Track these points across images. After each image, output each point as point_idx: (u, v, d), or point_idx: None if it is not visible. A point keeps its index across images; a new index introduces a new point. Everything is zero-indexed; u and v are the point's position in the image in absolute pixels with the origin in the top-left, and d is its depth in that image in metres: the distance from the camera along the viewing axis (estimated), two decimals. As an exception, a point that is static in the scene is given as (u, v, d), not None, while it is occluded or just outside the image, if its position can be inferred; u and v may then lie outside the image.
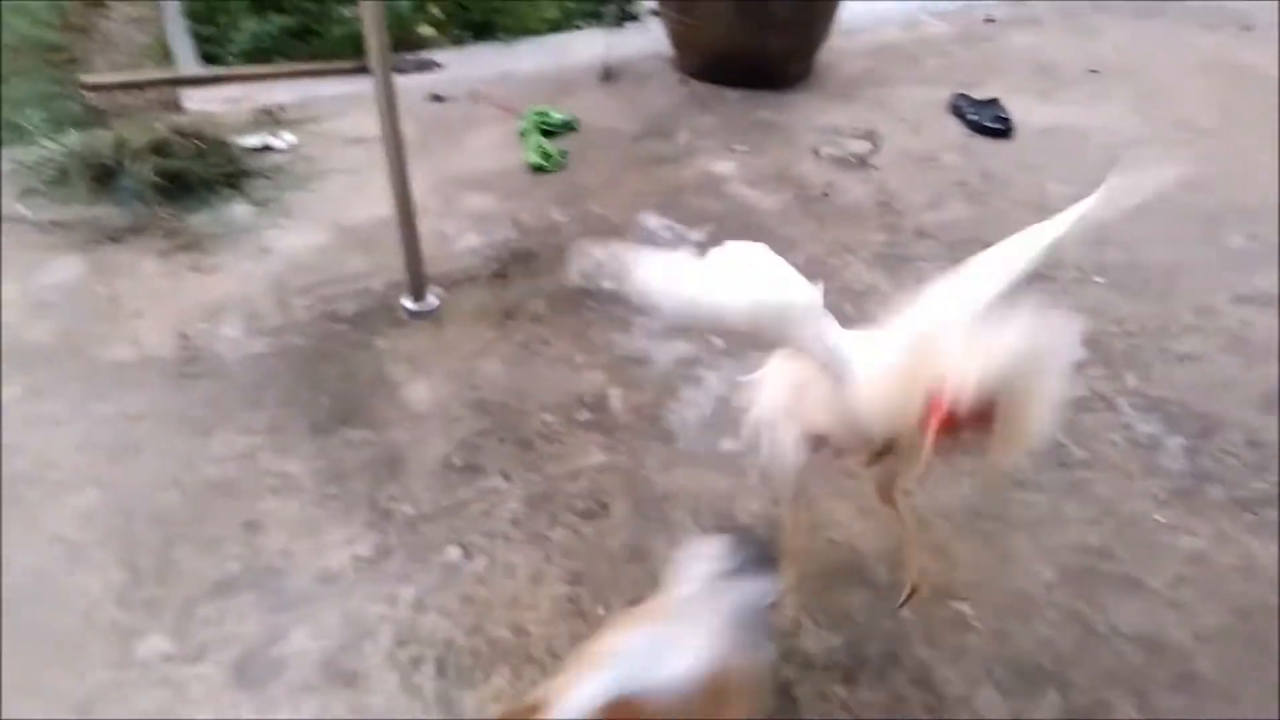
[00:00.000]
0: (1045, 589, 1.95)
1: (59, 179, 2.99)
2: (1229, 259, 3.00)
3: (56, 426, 2.17)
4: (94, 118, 3.40)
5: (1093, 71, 4.11)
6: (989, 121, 3.57)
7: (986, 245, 2.90)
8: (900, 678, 1.76)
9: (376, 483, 2.09)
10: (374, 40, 2.28)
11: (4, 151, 3.11)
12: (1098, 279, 2.88)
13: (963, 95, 3.73)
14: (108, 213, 2.91)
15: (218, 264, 2.77)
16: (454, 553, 1.94)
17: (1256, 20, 4.71)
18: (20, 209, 2.91)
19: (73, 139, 3.11)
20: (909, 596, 1.82)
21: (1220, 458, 2.28)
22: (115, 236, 2.82)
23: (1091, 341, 2.62)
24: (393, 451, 2.17)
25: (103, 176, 2.97)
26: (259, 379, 2.36)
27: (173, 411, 2.25)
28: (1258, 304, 2.79)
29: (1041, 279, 2.84)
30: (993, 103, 3.66)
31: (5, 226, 2.84)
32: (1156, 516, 2.13)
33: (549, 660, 1.75)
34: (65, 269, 2.70)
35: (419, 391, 2.34)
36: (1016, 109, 3.70)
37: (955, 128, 3.65)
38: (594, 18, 4.42)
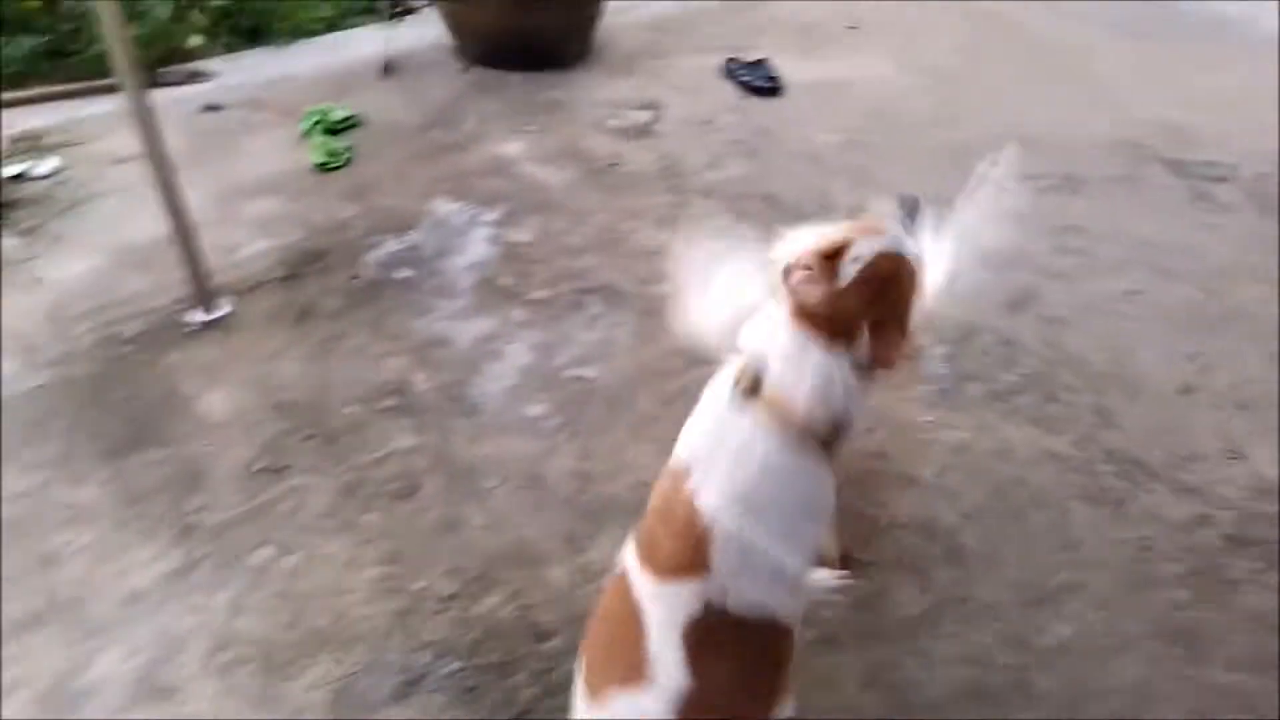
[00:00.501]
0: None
1: None
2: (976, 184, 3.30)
3: None
4: None
5: (851, 28, 4.41)
6: (760, 82, 3.78)
7: (766, 196, 3.15)
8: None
9: (177, 498, 2.07)
10: (118, 51, 2.22)
11: None
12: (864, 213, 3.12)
13: (734, 59, 3.93)
14: None
15: (-15, 301, 2.63)
16: (265, 553, 1.95)
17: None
18: None
19: None
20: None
21: (977, 358, 2.55)
22: None
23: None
24: (192, 465, 2.14)
25: None
26: (42, 412, 2.27)
27: (-53, 458, 2.14)
28: (1001, 220, 3.10)
29: (816, 218, 3.07)
30: (761, 63, 3.88)
31: None
32: (925, 418, 2.37)
33: (369, 638, 1.79)
34: None
35: (215, 401, 2.32)
36: (785, 68, 3.94)
37: (729, 91, 3.85)
38: (370, 14, 4.38)
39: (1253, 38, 4.42)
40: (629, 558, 1.39)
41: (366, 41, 4.14)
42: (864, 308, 1.33)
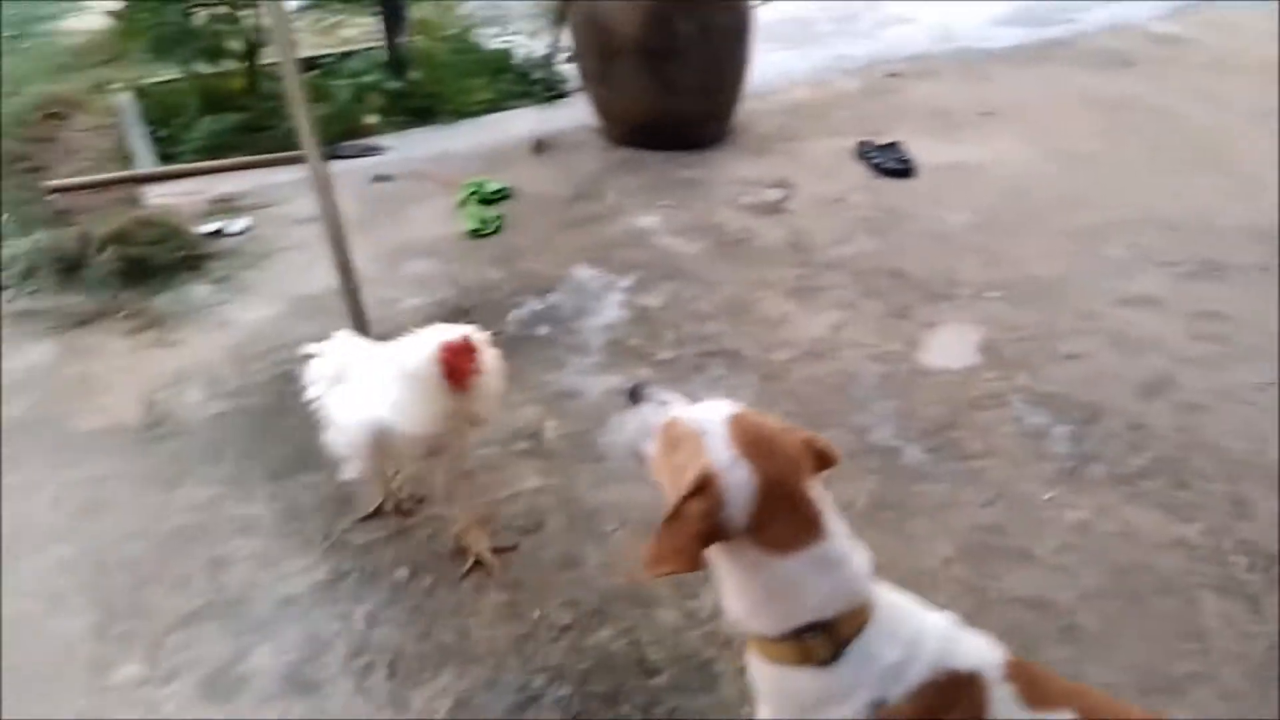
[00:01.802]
0: (943, 564, 2.16)
1: (28, 273, 3.20)
2: (1110, 267, 3.29)
3: (31, 491, 2.35)
4: (60, 218, 3.64)
5: (985, 114, 4.48)
6: (892, 163, 3.89)
7: (893, 272, 3.23)
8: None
9: (330, 518, 2.28)
10: (304, 126, 2.54)
11: (-24, 253, 3.34)
12: (991, 293, 3.15)
13: (866, 142, 4.06)
14: (76, 300, 3.13)
15: (180, 338, 2.98)
16: (402, 572, 2.13)
17: (1136, 57, 5.14)
18: (-9, 303, 3.12)
19: (40, 237, 3.34)
20: (470, 568, 2.11)
21: (1103, 440, 2.52)
22: (83, 320, 3.03)
23: (986, 348, 2.88)
24: (344, 491, 2.36)
25: (69, 268, 3.20)
26: (220, 436, 2.56)
27: (139, 471, 2.43)
28: (1136, 305, 3.07)
29: (942, 297, 3.13)
30: (894, 146, 3.99)
31: (-22, 320, 3.05)
32: (1045, 495, 2.35)
33: (490, 658, 1.93)
34: (37, 353, 2.90)
35: (368, 436, 2.54)
36: (918, 151, 4.03)
37: (861, 172, 3.97)
38: (526, 96, 4.76)
39: None
40: None
41: (522, 121, 4.49)
42: None
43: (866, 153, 4.00)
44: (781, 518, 1.16)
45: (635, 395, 1.35)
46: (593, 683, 1.88)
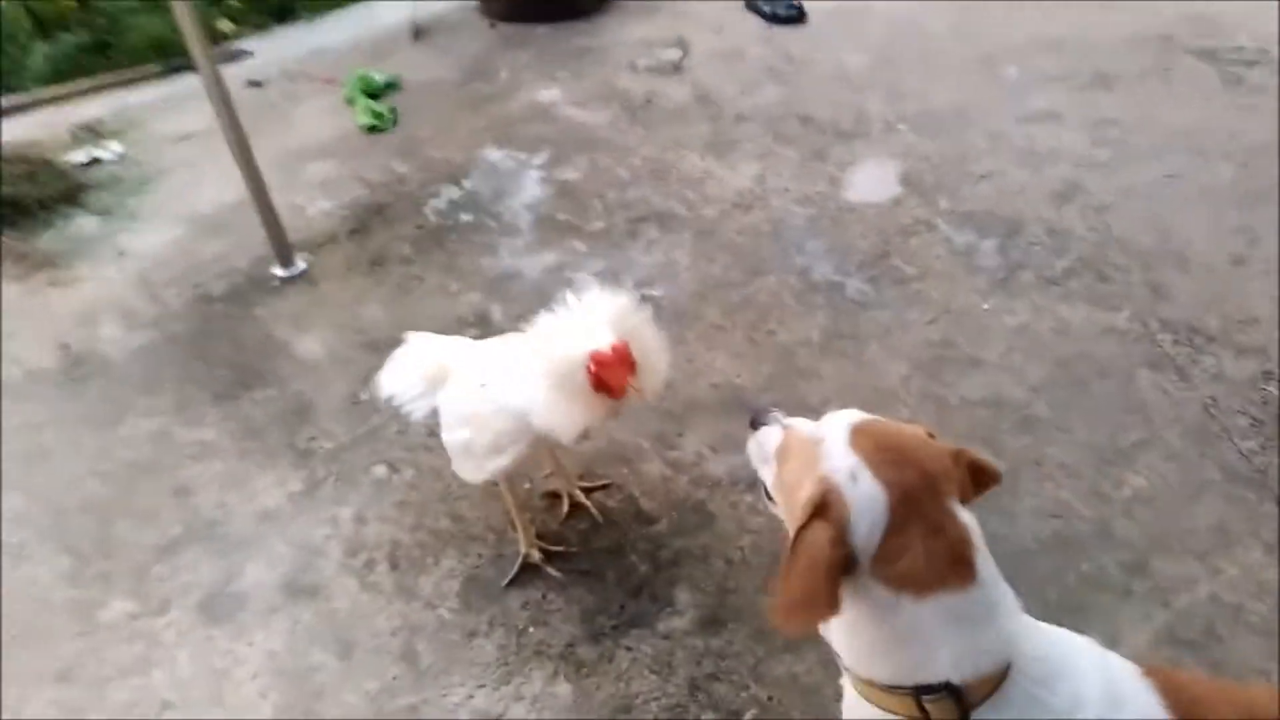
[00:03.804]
0: (902, 381, 2.25)
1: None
2: (1008, 90, 3.37)
3: (-39, 452, 2.19)
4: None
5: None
6: (782, 11, 3.85)
7: (803, 117, 3.23)
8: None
9: (291, 429, 2.21)
10: (190, 32, 2.35)
11: None
12: (901, 126, 3.20)
13: (755, -9, 3.99)
14: (-53, 251, 2.85)
15: (77, 275, 2.77)
16: (380, 470, 2.09)
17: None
18: None
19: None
20: (520, 568, 1.86)
21: (1026, 249, 2.63)
22: (-39, 272, 2.78)
23: (905, 179, 2.94)
24: (299, 401, 2.28)
25: (-69, 218, 2.91)
26: (150, 368, 2.42)
27: (72, 413, 2.29)
28: (1037, 121, 3.17)
29: (854, 135, 3.16)
30: (783, -7, 3.94)
31: None
32: (983, 305, 2.46)
33: (489, 535, 1.93)
34: (-83, 312, 2.66)
35: (309, 345, 2.45)
36: (805, -4, 4.00)
37: (754, 22, 3.92)
38: (393, -18, 4.47)
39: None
40: None
41: (391, 10, 4.23)
42: None
43: (756, 3, 3.93)
44: (919, 547, 0.90)
45: (755, 422, 1.15)
46: (596, 540, 1.91)
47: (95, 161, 3.26)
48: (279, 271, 2.69)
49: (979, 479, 1.00)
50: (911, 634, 0.91)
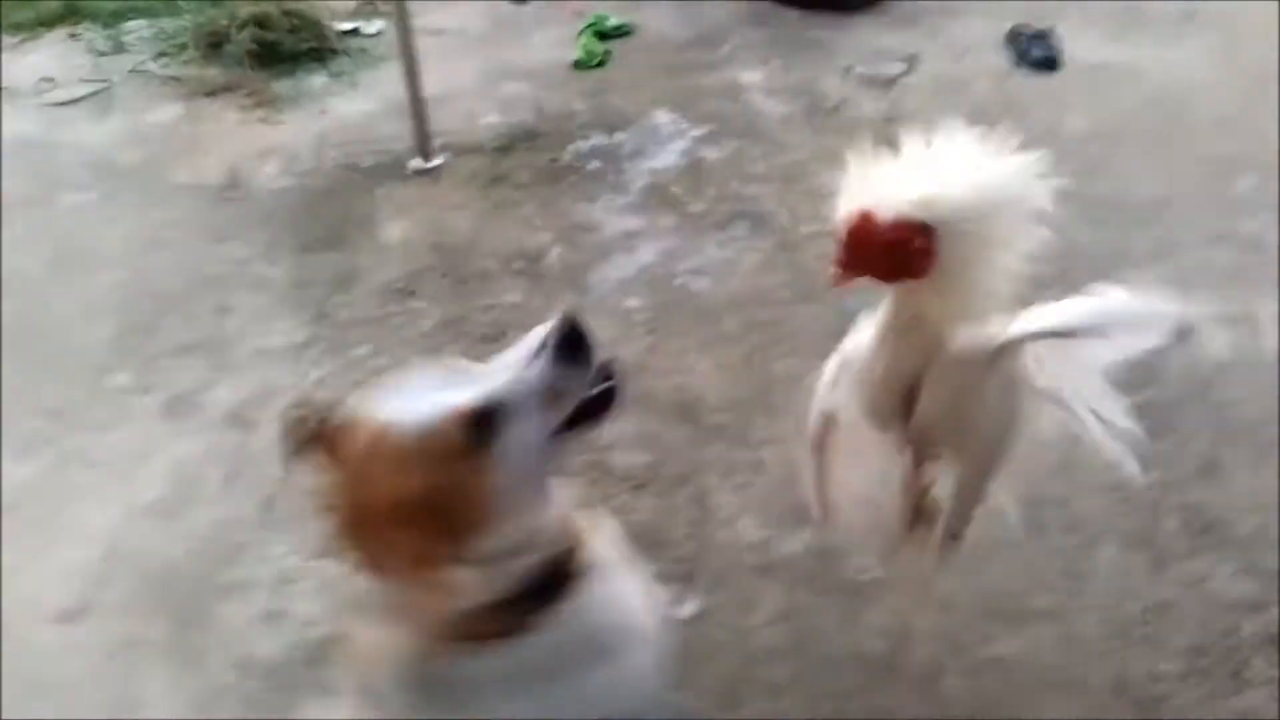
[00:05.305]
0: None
1: (183, 45, 3.62)
2: (1225, 203, 2.86)
3: (112, 224, 2.78)
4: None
5: (1185, 14, 3.86)
6: (1036, 53, 3.50)
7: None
8: (682, 494, 2.02)
9: (329, 292, 2.54)
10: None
11: (147, 22, 3.80)
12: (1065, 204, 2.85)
13: (1022, 26, 3.65)
14: (213, 73, 3.51)
15: (283, 119, 3.30)
16: (363, 350, 2.36)
17: None
18: (151, 66, 3.57)
19: (201, 12, 3.74)
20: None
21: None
22: (211, 91, 3.41)
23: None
24: (351, 271, 2.61)
25: (214, 44, 3.58)
26: (275, 207, 2.87)
27: (201, 222, 2.80)
28: (1226, 242, 2.67)
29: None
30: (1046, 34, 3.57)
31: (137, 79, 3.51)
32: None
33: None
34: (167, 113, 3.32)
35: (392, 230, 2.77)
36: (1076, 44, 3.58)
37: (1001, 58, 3.59)
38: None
39: None
40: None
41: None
42: None
43: (1017, 38, 3.61)
44: None
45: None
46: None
47: (354, 31, 3.79)
48: (416, 163, 3.03)
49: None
50: None
